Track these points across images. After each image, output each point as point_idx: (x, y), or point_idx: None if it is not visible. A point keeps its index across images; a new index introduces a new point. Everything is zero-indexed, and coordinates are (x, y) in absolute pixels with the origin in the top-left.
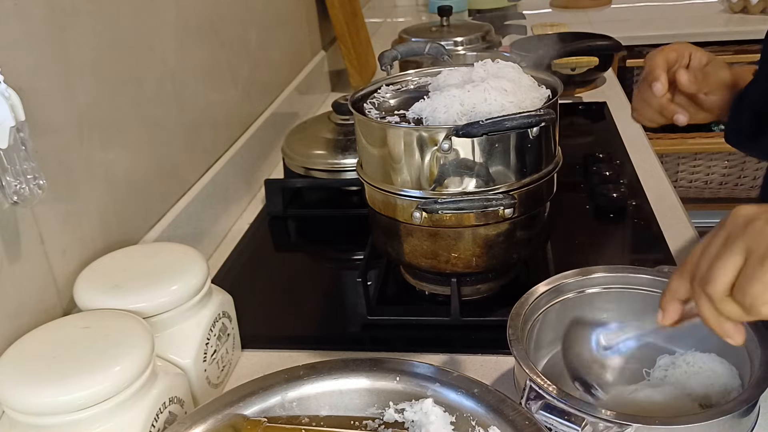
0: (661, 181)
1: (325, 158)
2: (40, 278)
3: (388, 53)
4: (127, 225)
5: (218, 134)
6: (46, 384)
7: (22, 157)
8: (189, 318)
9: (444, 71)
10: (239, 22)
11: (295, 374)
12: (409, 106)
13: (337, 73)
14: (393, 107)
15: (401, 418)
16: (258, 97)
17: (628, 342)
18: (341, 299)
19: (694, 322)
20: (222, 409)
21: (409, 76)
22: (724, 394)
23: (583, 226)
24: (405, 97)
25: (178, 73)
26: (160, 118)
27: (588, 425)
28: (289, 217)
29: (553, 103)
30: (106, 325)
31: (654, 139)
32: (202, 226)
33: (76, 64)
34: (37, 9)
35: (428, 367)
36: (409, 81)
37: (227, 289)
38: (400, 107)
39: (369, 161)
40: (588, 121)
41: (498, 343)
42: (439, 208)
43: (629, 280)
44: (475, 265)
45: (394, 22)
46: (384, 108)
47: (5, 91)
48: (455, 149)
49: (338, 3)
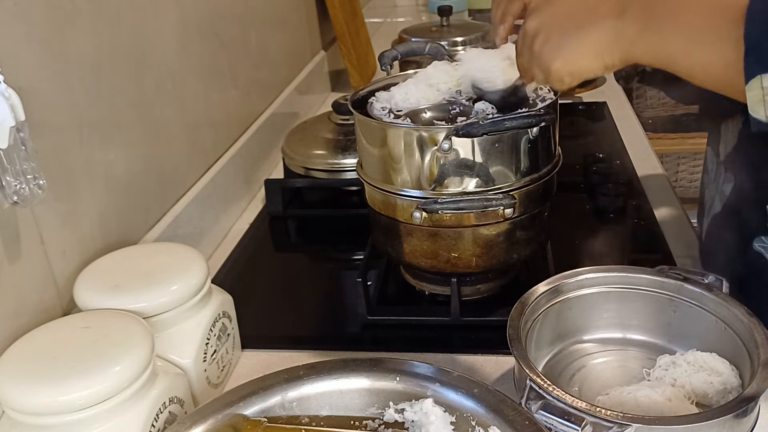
0: (661, 181)
1: (325, 158)
2: (40, 278)
3: (388, 53)
4: (127, 225)
5: (218, 134)
6: (46, 384)
7: (22, 157)
8: (189, 318)
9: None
10: (239, 23)
11: (295, 374)
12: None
13: (337, 73)
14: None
15: (401, 418)
16: (258, 97)
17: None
18: (341, 299)
19: None
20: (222, 409)
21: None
22: (724, 394)
23: (583, 226)
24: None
25: (178, 73)
26: (160, 118)
27: (588, 425)
28: (289, 217)
29: (553, 103)
30: (106, 325)
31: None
32: (202, 226)
33: (76, 64)
34: (37, 9)
35: (428, 367)
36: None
37: (227, 289)
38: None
39: (369, 161)
40: (588, 121)
41: (498, 343)
42: (439, 208)
43: (629, 280)
44: (475, 265)
45: (394, 22)
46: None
47: (5, 91)
48: (455, 149)
49: (338, 3)
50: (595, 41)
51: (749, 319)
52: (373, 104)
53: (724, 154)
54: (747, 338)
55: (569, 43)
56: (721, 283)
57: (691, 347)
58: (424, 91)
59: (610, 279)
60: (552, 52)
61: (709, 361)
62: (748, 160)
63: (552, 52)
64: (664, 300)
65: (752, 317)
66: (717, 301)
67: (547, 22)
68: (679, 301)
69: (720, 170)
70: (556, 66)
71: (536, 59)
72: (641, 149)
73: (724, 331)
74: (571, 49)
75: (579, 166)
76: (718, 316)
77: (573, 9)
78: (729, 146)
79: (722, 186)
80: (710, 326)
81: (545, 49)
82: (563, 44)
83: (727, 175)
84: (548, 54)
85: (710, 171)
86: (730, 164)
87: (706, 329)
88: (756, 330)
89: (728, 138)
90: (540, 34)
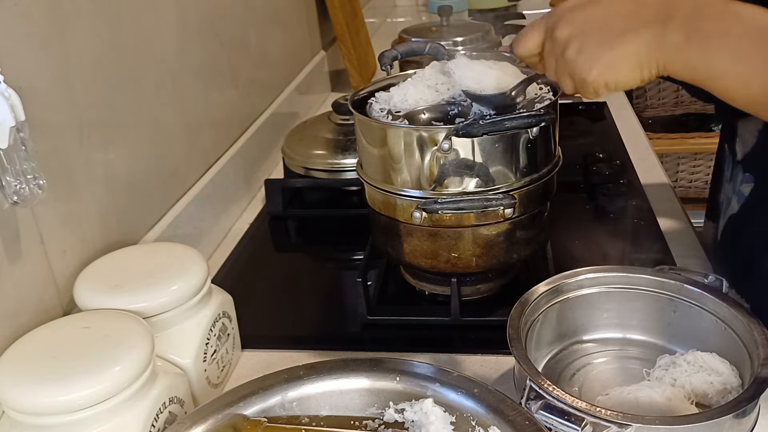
0: (661, 181)
1: (325, 158)
2: (40, 278)
3: (388, 53)
4: (127, 225)
5: (218, 134)
6: (46, 384)
7: (22, 157)
8: (189, 318)
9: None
10: (239, 22)
11: (295, 374)
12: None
13: (337, 73)
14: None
15: (401, 418)
16: (258, 97)
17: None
18: (341, 299)
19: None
20: (222, 409)
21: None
22: (724, 394)
23: (583, 226)
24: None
25: (178, 73)
26: (160, 118)
27: (588, 425)
28: (289, 217)
29: (553, 103)
30: (106, 325)
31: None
32: (202, 226)
33: (76, 64)
34: (37, 9)
35: (428, 367)
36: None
37: (227, 289)
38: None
39: (369, 161)
40: (588, 121)
41: (498, 343)
42: (439, 208)
43: (629, 280)
44: (475, 265)
45: (394, 22)
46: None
47: (5, 91)
48: (455, 149)
49: (338, 3)
50: (636, 49)
51: (749, 319)
52: (372, 105)
53: (742, 153)
54: (747, 338)
55: (608, 52)
56: (721, 283)
57: (691, 347)
58: (422, 92)
59: (610, 279)
60: (588, 62)
61: (709, 361)
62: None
63: (588, 62)
64: (664, 300)
65: (752, 317)
66: (717, 301)
67: (582, 29)
68: (679, 301)
69: (737, 170)
70: (593, 76)
71: (569, 68)
72: (641, 149)
73: (724, 331)
74: (610, 59)
75: (579, 166)
76: (718, 316)
77: (610, 15)
78: (748, 146)
79: (740, 186)
80: (710, 326)
81: (580, 58)
82: (601, 53)
83: (745, 176)
84: (583, 64)
85: (725, 170)
86: (749, 165)
87: (706, 329)
88: (756, 330)
89: (746, 137)
90: (573, 42)
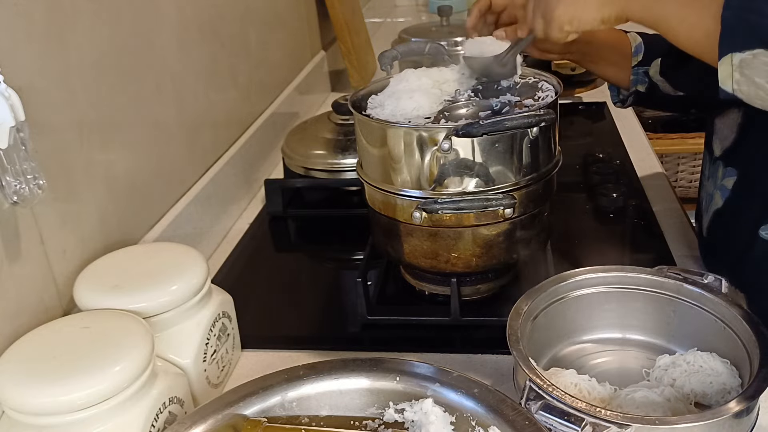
0: (661, 181)
1: (325, 158)
2: (40, 278)
3: (388, 53)
4: (127, 225)
5: (218, 134)
6: (46, 384)
7: (22, 157)
8: (189, 318)
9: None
10: (239, 22)
11: (295, 374)
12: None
13: (337, 73)
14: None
15: (401, 418)
16: (258, 97)
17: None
18: (341, 299)
19: None
20: (222, 409)
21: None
22: (724, 394)
23: (583, 226)
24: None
25: (178, 73)
26: (160, 118)
27: (588, 425)
28: (289, 217)
29: (553, 103)
30: (106, 325)
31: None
32: (202, 226)
33: (76, 64)
34: (37, 9)
35: (428, 367)
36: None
37: (227, 289)
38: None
39: (369, 161)
40: (588, 121)
41: (498, 343)
42: (439, 208)
43: (629, 280)
44: (475, 265)
45: (394, 22)
46: None
47: (5, 91)
48: (455, 149)
49: (338, 3)
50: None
51: (749, 319)
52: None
53: (721, 149)
54: (746, 338)
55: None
56: (720, 283)
57: (691, 347)
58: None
59: (610, 279)
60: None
61: (708, 361)
62: (751, 151)
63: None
64: (664, 300)
65: (752, 317)
66: (716, 301)
67: None
68: (678, 301)
69: (716, 166)
70: (558, 12)
71: (540, 7)
72: (641, 149)
73: (723, 331)
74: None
75: (579, 166)
76: (717, 316)
77: None
78: (728, 141)
79: (722, 181)
80: (710, 326)
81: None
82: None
83: (727, 170)
84: (552, 1)
85: (705, 170)
86: (730, 158)
87: (706, 329)
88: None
89: (725, 133)
90: None
